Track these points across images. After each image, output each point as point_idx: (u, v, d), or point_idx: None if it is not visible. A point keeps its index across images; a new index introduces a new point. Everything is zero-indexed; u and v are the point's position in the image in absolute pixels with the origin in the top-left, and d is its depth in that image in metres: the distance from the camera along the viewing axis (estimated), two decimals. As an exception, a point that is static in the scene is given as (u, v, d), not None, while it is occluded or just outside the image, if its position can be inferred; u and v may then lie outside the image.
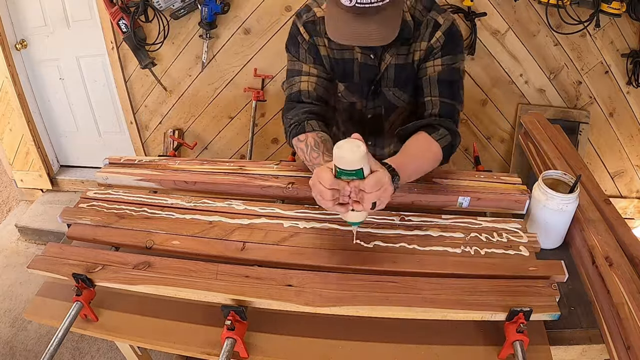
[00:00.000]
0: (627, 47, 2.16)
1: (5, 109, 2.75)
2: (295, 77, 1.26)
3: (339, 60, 1.26)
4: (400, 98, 1.30)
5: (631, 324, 0.88)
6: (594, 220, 1.14)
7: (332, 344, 0.97)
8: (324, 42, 1.24)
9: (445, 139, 1.17)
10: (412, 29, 1.18)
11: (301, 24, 1.23)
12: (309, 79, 1.24)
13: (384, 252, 1.07)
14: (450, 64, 1.20)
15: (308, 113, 1.22)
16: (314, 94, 1.24)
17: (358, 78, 1.28)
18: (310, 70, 1.25)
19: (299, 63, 1.26)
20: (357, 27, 1.02)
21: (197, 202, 1.27)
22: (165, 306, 1.05)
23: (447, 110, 1.21)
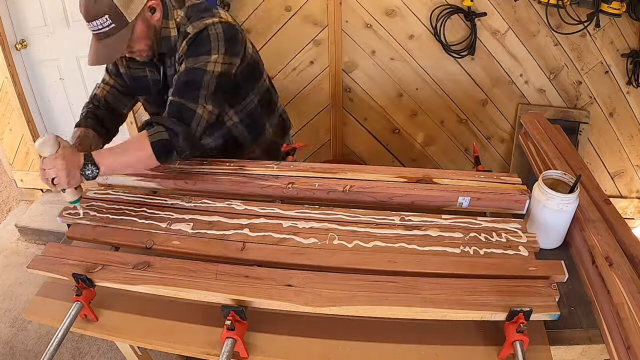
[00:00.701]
0: (627, 47, 2.16)
1: (5, 109, 2.75)
2: (99, 82, 1.47)
3: (135, 77, 1.42)
4: None
5: (631, 324, 0.88)
6: (594, 220, 1.14)
7: (332, 344, 0.97)
8: (122, 61, 1.41)
9: (157, 135, 1.20)
10: (172, 44, 1.28)
11: None
12: (103, 86, 1.45)
13: (383, 252, 1.07)
14: (191, 65, 1.25)
15: (89, 112, 1.40)
16: (102, 100, 1.44)
17: (151, 91, 1.42)
18: (109, 80, 1.45)
19: (105, 73, 1.46)
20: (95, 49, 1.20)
21: (197, 202, 1.27)
22: (165, 306, 1.05)
23: (174, 109, 1.24)
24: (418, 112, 2.48)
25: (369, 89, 2.44)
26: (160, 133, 1.21)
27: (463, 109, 2.44)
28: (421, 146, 2.59)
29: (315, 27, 2.26)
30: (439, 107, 2.44)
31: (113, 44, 1.19)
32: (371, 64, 2.35)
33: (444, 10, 2.15)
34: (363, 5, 2.19)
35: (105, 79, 1.46)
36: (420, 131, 2.55)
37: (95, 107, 1.42)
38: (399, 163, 2.65)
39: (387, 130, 2.55)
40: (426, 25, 2.22)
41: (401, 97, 2.44)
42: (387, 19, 2.22)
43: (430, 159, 2.62)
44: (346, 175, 1.31)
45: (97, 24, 1.15)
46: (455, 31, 2.21)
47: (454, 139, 2.54)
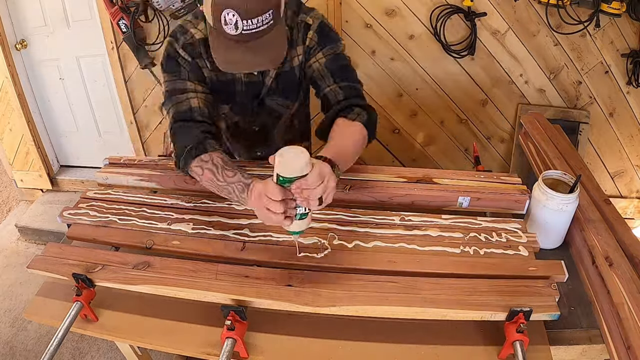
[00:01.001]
0: (627, 47, 2.16)
1: (5, 109, 2.75)
2: (180, 95, 1.19)
3: (222, 81, 1.25)
4: (284, 105, 1.34)
5: (631, 324, 0.88)
6: (594, 220, 1.14)
7: (332, 344, 0.97)
8: (205, 63, 1.22)
9: (362, 115, 1.16)
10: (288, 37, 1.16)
11: (180, 47, 1.19)
12: (197, 95, 1.20)
13: (383, 252, 1.07)
14: (332, 52, 1.22)
15: (205, 132, 1.15)
16: (205, 111, 1.19)
17: (243, 97, 1.29)
18: (196, 87, 1.20)
19: (181, 82, 1.20)
20: (247, 55, 1.02)
21: (197, 202, 1.27)
22: (165, 306, 1.05)
23: (350, 92, 1.21)
24: (418, 112, 2.48)
25: (369, 89, 2.44)
26: (363, 114, 1.16)
27: (463, 109, 2.44)
28: (421, 146, 2.59)
29: (315, 27, 2.26)
30: (439, 107, 2.45)
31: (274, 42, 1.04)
32: (371, 64, 2.35)
33: (444, 10, 2.15)
34: (363, 5, 2.19)
35: (190, 88, 1.20)
36: (420, 131, 2.55)
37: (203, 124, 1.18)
38: (399, 163, 2.65)
39: (387, 130, 2.55)
40: (426, 25, 2.22)
41: (401, 97, 2.44)
42: (387, 19, 2.22)
43: (430, 159, 2.62)
44: (346, 175, 1.31)
45: (259, 21, 0.99)
46: (455, 31, 2.21)
47: (454, 139, 2.54)
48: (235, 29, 0.99)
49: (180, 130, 1.18)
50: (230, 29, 0.99)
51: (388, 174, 1.31)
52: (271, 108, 1.35)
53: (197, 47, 1.20)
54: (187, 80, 1.20)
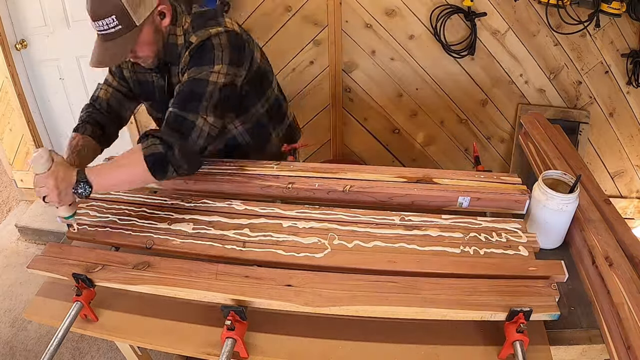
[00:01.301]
0: (627, 47, 2.16)
1: (5, 109, 2.75)
2: (101, 83, 1.42)
3: (140, 82, 1.39)
4: None
5: (631, 324, 0.88)
6: (594, 220, 1.14)
7: (332, 344, 0.97)
8: (127, 64, 1.37)
9: (151, 148, 1.14)
10: (178, 53, 1.25)
11: None
12: (107, 88, 1.40)
13: (383, 252, 1.07)
14: (193, 76, 1.19)
15: (90, 117, 1.36)
16: (104, 104, 1.39)
17: (159, 98, 1.37)
18: (112, 82, 1.40)
19: (109, 74, 1.41)
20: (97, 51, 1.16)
21: (197, 202, 1.27)
22: (165, 306, 1.05)
23: (172, 120, 1.18)
24: (418, 112, 2.48)
25: (369, 89, 2.44)
26: (154, 146, 1.14)
27: (463, 109, 2.44)
28: (421, 146, 2.59)
29: (315, 27, 2.26)
30: (439, 107, 2.45)
31: (118, 46, 1.14)
32: (371, 64, 2.35)
33: (444, 10, 2.15)
34: (363, 5, 2.19)
35: (108, 81, 1.41)
36: (420, 131, 2.55)
37: (96, 111, 1.37)
38: (399, 163, 2.65)
39: (387, 130, 2.55)
40: (426, 25, 2.22)
41: (401, 97, 2.44)
42: (387, 19, 2.22)
43: (430, 159, 2.62)
44: (346, 175, 1.31)
45: (102, 24, 1.11)
46: (455, 31, 2.21)
47: (454, 139, 2.54)
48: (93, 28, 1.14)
49: (84, 107, 1.41)
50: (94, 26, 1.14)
51: (388, 174, 1.31)
52: None
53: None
54: (111, 74, 1.41)
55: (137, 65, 1.32)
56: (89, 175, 1.09)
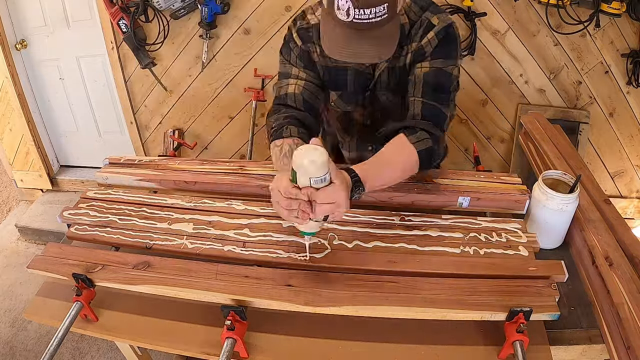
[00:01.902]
0: (627, 47, 2.16)
1: (5, 109, 2.75)
2: (284, 79, 1.24)
3: (331, 68, 1.24)
4: (394, 101, 1.29)
5: (631, 324, 0.88)
6: (594, 220, 1.14)
7: (332, 344, 0.97)
8: (316, 49, 1.22)
9: (424, 142, 1.09)
10: (406, 31, 1.14)
11: (295, 31, 1.22)
12: (297, 82, 1.22)
13: (383, 252, 1.07)
14: (439, 67, 1.14)
15: (290, 118, 1.18)
16: (299, 98, 1.21)
17: (352, 86, 1.26)
18: (299, 74, 1.23)
19: (289, 66, 1.24)
20: (353, 43, 1.00)
21: (197, 202, 1.26)
22: (165, 306, 1.05)
23: (431, 113, 1.14)
24: (418, 112, 2.47)
25: (369, 89, 2.44)
26: (426, 140, 1.09)
27: (463, 109, 2.44)
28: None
29: (315, 27, 2.26)
30: (439, 107, 2.44)
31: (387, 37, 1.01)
32: (371, 64, 2.35)
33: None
34: (363, 5, 2.19)
35: (293, 74, 1.23)
36: (420, 131, 2.54)
37: (291, 109, 1.21)
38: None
39: (387, 130, 2.55)
40: (426, 25, 2.21)
41: (401, 97, 2.44)
42: (387, 19, 2.22)
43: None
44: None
45: (370, 13, 0.95)
46: (455, 31, 2.21)
47: (454, 139, 2.54)
48: (346, 16, 0.96)
49: (272, 112, 1.23)
50: (342, 15, 0.97)
51: (388, 174, 1.31)
52: (382, 103, 1.29)
53: (310, 32, 1.20)
54: (294, 65, 1.23)
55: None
56: (362, 176, 0.97)
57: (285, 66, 1.25)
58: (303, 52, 1.22)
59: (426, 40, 1.13)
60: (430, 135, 1.11)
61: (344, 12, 0.96)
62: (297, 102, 1.21)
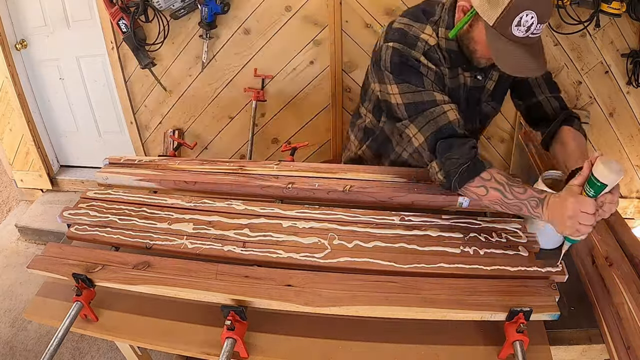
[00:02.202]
0: (627, 47, 2.16)
1: (5, 109, 2.75)
2: (433, 108, 1.10)
3: (452, 89, 1.20)
4: (495, 109, 1.35)
5: (631, 324, 0.88)
6: (593, 220, 1.14)
7: (332, 344, 0.97)
8: (445, 71, 1.16)
9: (582, 127, 1.22)
10: None
11: (420, 54, 1.12)
12: (451, 107, 1.11)
13: (383, 252, 1.07)
14: None
15: (473, 148, 1.09)
16: (462, 123, 1.11)
17: (465, 104, 1.24)
18: (445, 99, 1.12)
19: (428, 93, 1.11)
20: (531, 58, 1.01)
21: (197, 202, 1.26)
22: (165, 306, 1.05)
23: (563, 103, 1.26)
24: (418, 112, 2.47)
25: (369, 89, 2.44)
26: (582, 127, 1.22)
27: (463, 109, 2.44)
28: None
29: (315, 27, 2.26)
30: (439, 107, 2.44)
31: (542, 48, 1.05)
32: (371, 64, 2.35)
33: (444, 10, 2.15)
34: (363, 5, 2.19)
35: (439, 99, 1.11)
36: (420, 131, 2.54)
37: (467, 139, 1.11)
38: (399, 163, 2.65)
39: (387, 130, 2.55)
40: (426, 25, 2.21)
41: (401, 97, 2.43)
42: (387, 19, 2.22)
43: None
44: (346, 175, 1.31)
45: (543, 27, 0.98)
46: (455, 31, 2.21)
47: (454, 139, 2.53)
48: (525, 32, 0.97)
49: (448, 147, 1.09)
50: (520, 31, 0.97)
51: (388, 174, 1.31)
52: (485, 112, 1.34)
53: (436, 54, 1.14)
54: (434, 91, 1.12)
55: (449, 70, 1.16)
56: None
57: (422, 94, 1.11)
58: (438, 76, 1.14)
59: None
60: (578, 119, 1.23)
61: (524, 28, 0.96)
62: (461, 128, 1.11)
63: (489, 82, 1.25)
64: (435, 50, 1.15)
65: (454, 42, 1.13)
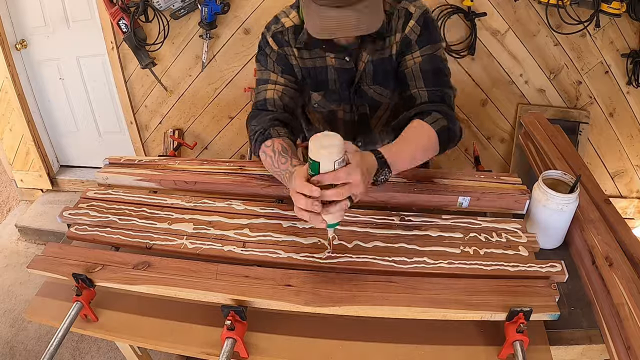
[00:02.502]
0: (627, 47, 2.16)
1: (5, 109, 2.75)
2: (261, 85, 1.25)
3: (310, 69, 1.25)
4: (383, 94, 1.30)
5: (631, 324, 0.88)
6: (594, 220, 1.14)
7: (332, 344, 0.97)
8: (293, 51, 1.23)
9: (439, 122, 1.12)
10: (385, 22, 1.14)
11: (270, 36, 1.24)
12: (275, 87, 1.23)
13: (383, 252, 1.07)
14: (429, 53, 1.18)
15: (273, 120, 1.18)
16: (279, 102, 1.22)
17: (335, 84, 1.27)
18: (277, 79, 1.24)
19: (266, 72, 1.25)
20: (340, 18, 0.98)
21: (197, 202, 1.26)
22: (165, 306, 1.05)
23: (437, 96, 1.18)
24: (418, 112, 2.47)
25: (369, 89, 2.44)
26: (440, 120, 1.11)
27: (463, 109, 2.44)
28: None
29: (315, 27, 2.26)
30: (439, 107, 2.44)
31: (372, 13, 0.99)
32: (371, 64, 2.35)
33: (444, 10, 2.16)
34: (363, 5, 2.19)
35: (271, 79, 1.24)
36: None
37: (272, 113, 1.20)
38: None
39: (387, 130, 2.55)
40: (426, 25, 2.22)
41: (401, 97, 2.44)
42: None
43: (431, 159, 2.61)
44: (346, 175, 1.31)
45: None
46: (455, 31, 2.21)
47: (454, 139, 2.54)
48: None
49: (252, 117, 1.24)
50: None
51: (388, 174, 1.31)
52: (369, 96, 1.30)
53: (285, 35, 1.22)
54: (271, 71, 1.24)
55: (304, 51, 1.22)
56: (388, 157, 0.98)
57: (262, 72, 1.26)
58: (280, 57, 1.23)
59: (409, 29, 1.16)
60: (444, 115, 1.13)
61: None
62: (276, 106, 1.22)
63: (360, 63, 1.22)
64: (287, 33, 1.22)
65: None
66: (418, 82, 1.19)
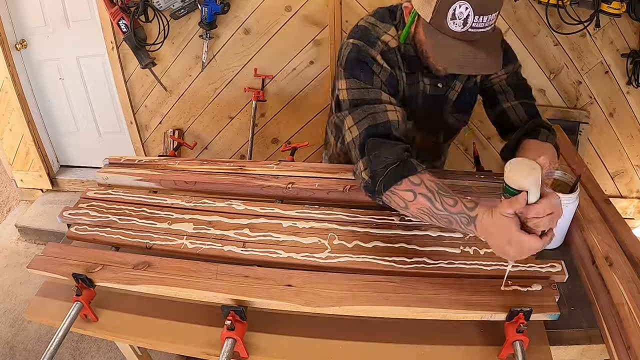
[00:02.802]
0: (627, 47, 2.16)
1: (5, 109, 2.75)
2: (376, 105, 1.04)
3: (408, 96, 1.15)
4: (461, 121, 1.30)
5: (631, 324, 0.88)
6: (594, 220, 1.14)
7: (332, 344, 0.97)
8: (402, 75, 1.12)
9: (551, 137, 1.11)
10: None
11: (377, 53, 1.08)
12: (395, 109, 1.05)
13: (383, 252, 1.07)
14: (511, 70, 1.21)
15: (405, 151, 0.99)
16: (402, 127, 1.04)
17: (423, 112, 1.19)
18: (391, 100, 1.06)
19: (374, 91, 1.06)
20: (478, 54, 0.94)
21: (197, 202, 1.27)
22: (165, 306, 1.05)
23: (532, 110, 1.18)
24: (418, 112, 2.47)
25: (369, 89, 2.44)
26: (550, 136, 1.10)
27: (463, 109, 2.44)
28: (421, 146, 2.59)
29: (315, 27, 2.26)
30: (439, 107, 2.44)
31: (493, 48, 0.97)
32: (371, 64, 2.35)
33: (444, 10, 2.15)
34: (363, 5, 2.19)
35: (384, 99, 1.06)
36: (420, 131, 2.54)
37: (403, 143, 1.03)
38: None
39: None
40: (426, 25, 2.21)
41: (401, 97, 2.43)
42: (387, 19, 2.22)
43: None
44: (346, 175, 1.31)
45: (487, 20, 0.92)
46: (455, 31, 2.21)
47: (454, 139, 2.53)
48: (462, 25, 0.91)
49: (377, 145, 1.00)
50: (456, 25, 0.92)
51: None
52: (449, 124, 1.29)
53: (395, 56, 1.10)
54: (383, 91, 1.07)
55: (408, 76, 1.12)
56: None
57: (367, 91, 1.06)
58: (391, 78, 1.09)
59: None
60: (547, 129, 1.13)
61: (461, 21, 0.92)
62: (400, 132, 1.04)
63: (451, 92, 1.19)
64: (395, 53, 1.10)
65: (411, 46, 1.09)
66: (510, 98, 1.19)
